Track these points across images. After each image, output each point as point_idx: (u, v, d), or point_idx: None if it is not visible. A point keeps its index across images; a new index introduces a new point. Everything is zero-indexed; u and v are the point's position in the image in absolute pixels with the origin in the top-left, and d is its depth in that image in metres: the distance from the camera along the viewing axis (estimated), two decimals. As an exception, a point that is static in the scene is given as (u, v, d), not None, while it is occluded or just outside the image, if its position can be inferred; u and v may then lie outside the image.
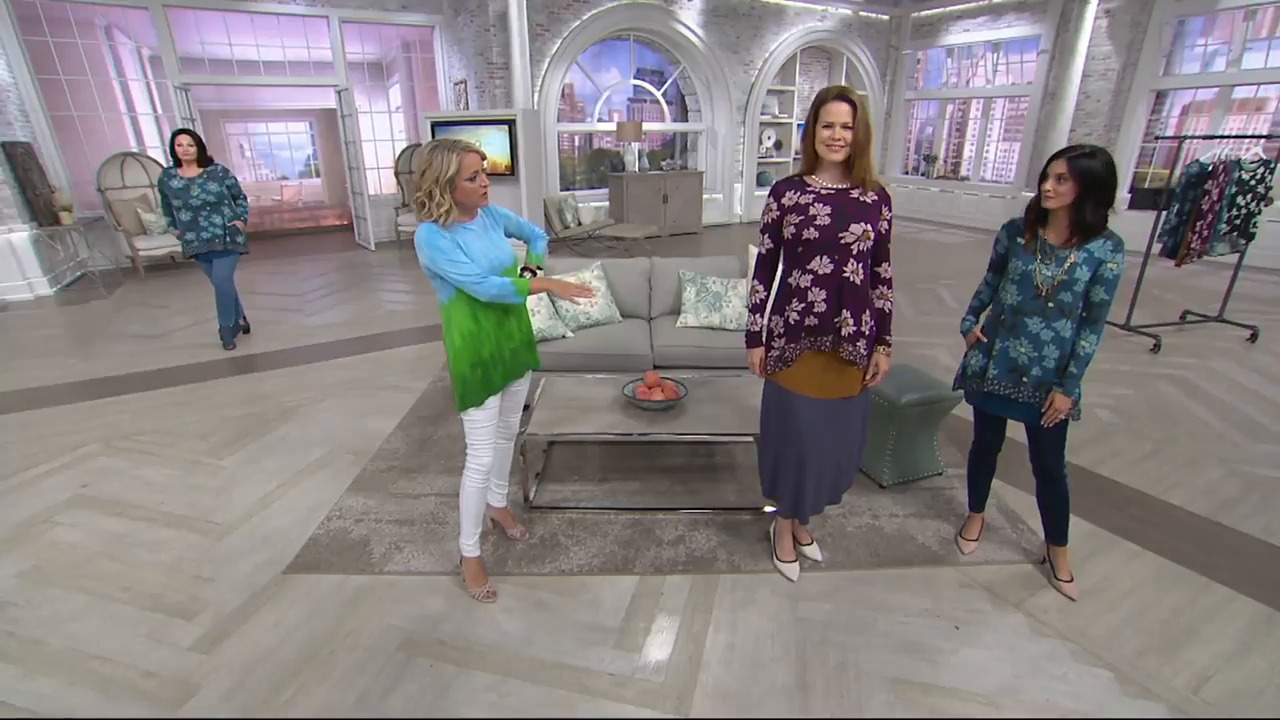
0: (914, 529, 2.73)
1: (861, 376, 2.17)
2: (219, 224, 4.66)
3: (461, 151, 1.95)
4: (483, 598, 2.29)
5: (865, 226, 1.99)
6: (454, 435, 3.50)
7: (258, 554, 2.57)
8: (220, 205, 4.66)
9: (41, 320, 5.93)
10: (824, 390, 2.16)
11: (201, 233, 4.63)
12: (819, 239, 2.00)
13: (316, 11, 8.47)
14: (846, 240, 1.99)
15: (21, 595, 2.35)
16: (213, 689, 1.94)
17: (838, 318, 2.07)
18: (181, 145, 4.49)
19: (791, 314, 2.11)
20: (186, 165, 4.55)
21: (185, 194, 4.51)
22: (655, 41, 10.04)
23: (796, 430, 2.21)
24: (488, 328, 2.12)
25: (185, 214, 4.56)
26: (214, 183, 4.61)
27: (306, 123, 16.02)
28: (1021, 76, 10.32)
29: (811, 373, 2.15)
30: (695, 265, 4.01)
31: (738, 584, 2.40)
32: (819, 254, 2.03)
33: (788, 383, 2.19)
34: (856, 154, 1.96)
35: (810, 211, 2.01)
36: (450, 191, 1.95)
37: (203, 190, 4.56)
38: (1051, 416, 2.13)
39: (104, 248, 7.97)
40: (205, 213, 4.59)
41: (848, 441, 2.29)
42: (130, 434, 3.60)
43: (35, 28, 7.33)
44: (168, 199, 4.60)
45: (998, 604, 2.29)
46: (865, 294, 2.09)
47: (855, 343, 2.08)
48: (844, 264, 2.02)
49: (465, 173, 1.95)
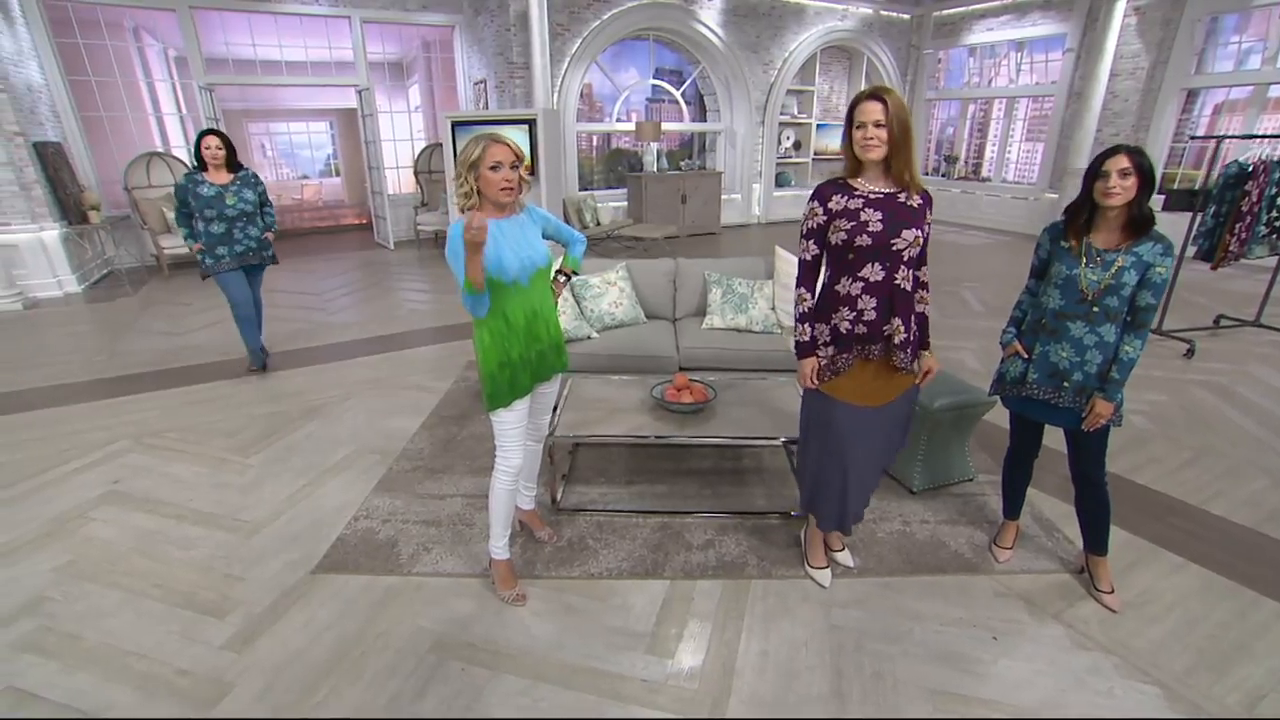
0: (946, 535, 2.68)
1: (906, 381, 2.14)
2: (255, 236, 4.19)
3: (490, 141, 1.97)
4: (512, 600, 2.28)
5: (916, 232, 1.96)
6: (479, 436, 3.49)
7: (286, 553, 2.57)
8: (255, 215, 4.19)
9: (70, 317, 6.02)
10: (870, 398, 2.13)
11: (235, 246, 4.11)
12: (872, 245, 1.95)
13: (339, 12, 8.53)
14: (898, 247, 1.95)
15: (58, 590, 2.37)
16: (246, 689, 1.95)
17: (887, 325, 2.03)
18: (209, 148, 3.96)
19: (841, 322, 2.06)
20: (214, 170, 4.02)
21: (218, 203, 3.98)
22: (675, 41, 10.01)
23: (840, 440, 2.17)
24: (517, 328, 2.10)
25: (218, 225, 4.02)
26: (248, 190, 4.12)
27: (327, 122, 16.15)
28: (1046, 76, 10.17)
29: (859, 381, 2.11)
30: (721, 266, 3.98)
31: (769, 590, 2.37)
32: (872, 261, 1.98)
33: (833, 391, 2.13)
34: (893, 153, 1.92)
35: (862, 217, 1.96)
36: (474, 177, 1.98)
37: (239, 199, 4.05)
38: (1093, 421, 2.09)
39: (130, 246, 8.09)
40: (241, 224, 4.09)
41: (887, 446, 2.27)
42: (159, 431, 3.64)
43: (66, 30, 7.45)
44: (187, 208, 4.01)
45: (1036, 614, 2.24)
46: (912, 300, 2.07)
47: (906, 349, 2.06)
48: (895, 271, 1.98)
49: (488, 160, 1.96)
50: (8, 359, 4.83)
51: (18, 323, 5.81)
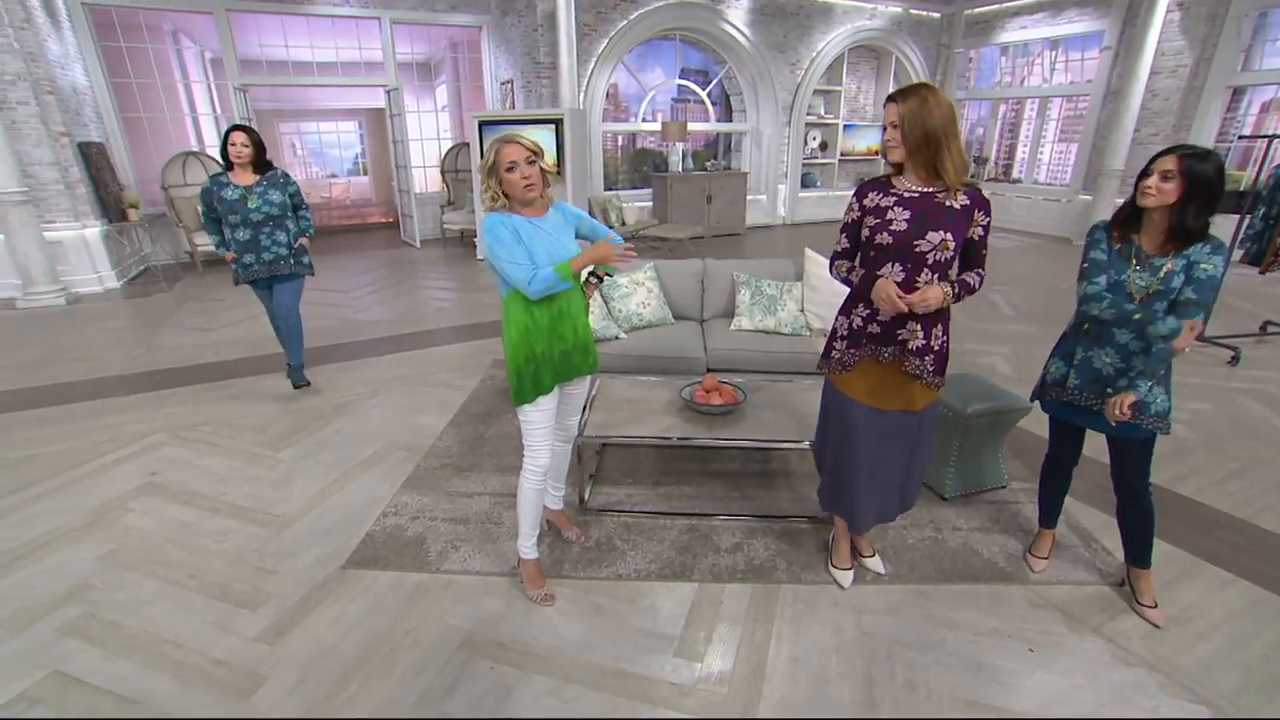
0: (979, 543, 2.63)
1: (926, 395, 2.09)
2: (284, 242, 3.79)
3: (503, 143, 1.99)
4: (540, 600, 2.28)
5: (944, 235, 1.88)
6: (506, 434, 3.51)
7: (317, 548, 2.61)
8: (284, 219, 3.79)
9: (110, 312, 6.19)
10: (880, 400, 2.09)
11: (263, 254, 3.74)
12: (892, 245, 1.92)
13: (369, 13, 8.65)
14: (922, 248, 1.90)
15: (100, 578, 2.43)
16: (279, 681, 1.97)
17: (902, 329, 1.99)
18: (235, 144, 3.58)
19: (856, 318, 2.06)
20: (240, 170, 3.65)
21: (241, 207, 3.62)
22: (701, 41, 9.97)
23: (847, 434, 2.17)
24: (541, 325, 2.11)
25: (243, 232, 3.67)
26: (275, 191, 3.72)
27: (356, 122, 16.41)
28: (1081, 75, 9.93)
29: (869, 381, 2.09)
30: (749, 267, 3.95)
31: (798, 595, 2.34)
32: (891, 261, 1.95)
33: (844, 387, 2.14)
34: (910, 154, 1.88)
35: (888, 215, 1.93)
36: (495, 181, 2.01)
37: (263, 202, 3.67)
38: (1113, 412, 1.95)
39: (165, 243, 8.30)
40: (268, 229, 3.72)
41: (906, 458, 2.20)
42: (193, 425, 3.71)
43: (110, 33, 7.67)
44: (214, 213, 3.68)
45: (1074, 627, 2.18)
46: (941, 310, 2.00)
47: (923, 357, 2.00)
48: (917, 273, 1.93)
49: (503, 163, 1.97)
50: (53, 353, 4.97)
51: (61, 317, 5.99)
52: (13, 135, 6.08)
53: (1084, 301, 2.03)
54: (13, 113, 6.13)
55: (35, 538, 2.68)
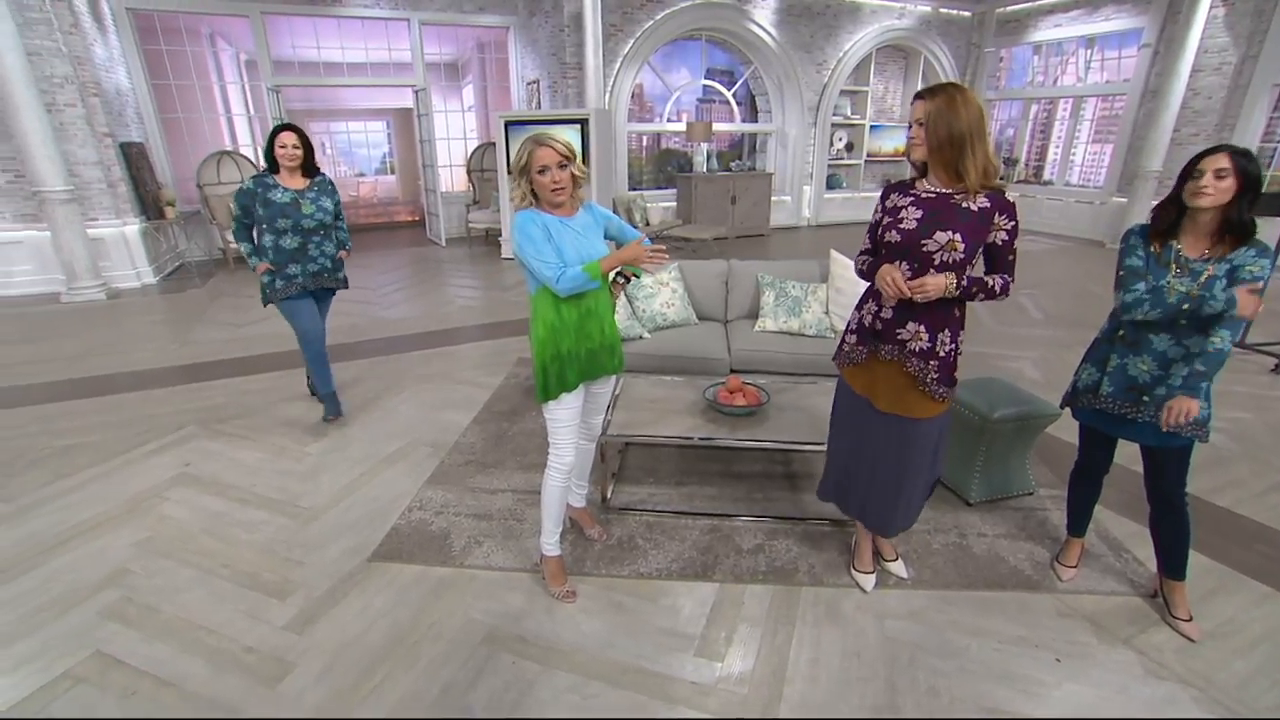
0: (1005, 550, 2.59)
1: (929, 405, 2.02)
2: (330, 254, 3.54)
3: (535, 144, 2.00)
4: (562, 597, 2.30)
5: (952, 235, 1.83)
6: (529, 432, 3.54)
7: (343, 540, 2.65)
8: (332, 229, 3.56)
9: (147, 307, 6.37)
10: (879, 399, 2.08)
11: (309, 264, 3.45)
12: (900, 243, 1.91)
13: (399, 14, 8.78)
14: (928, 248, 1.87)
15: (138, 564, 2.51)
16: (307, 669, 2.01)
17: (901, 329, 1.97)
18: (284, 147, 3.28)
19: (866, 315, 2.08)
20: (288, 174, 3.35)
21: (294, 211, 3.32)
22: (727, 41, 9.95)
23: (847, 427, 2.22)
24: (569, 323, 2.12)
25: (291, 239, 3.36)
26: (327, 198, 3.47)
27: (384, 121, 16.65)
28: (1118, 73, 9.69)
29: (870, 378, 2.09)
30: (774, 269, 3.93)
31: (820, 597, 2.33)
32: (898, 259, 1.93)
33: (851, 380, 2.17)
34: (933, 152, 1.85)
35: (900, 215, 1.92)
36: (525, 181, 2.04)
37: (317, 208, 3.39)
38: (1174, 417, 1.87)
39: (199, 240, 8.53)
40: (318, 238, 3.45)
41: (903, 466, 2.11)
42: (225, 418, 3.80)
43: (151, 37, 7.91)
44: (249, 218, 3.35)
45: (1104, 638, 2.14)
46: (949, 312, 1.94)
47: (926, 360, 1.95)
48: (923, 273, 1.89)
49: (535, 165, 1.99)
50: (94, 345, 5.14)
51: (102, 311, 6.19)
52: (60, 136, 6.29)
53: (1125, 309, 1.96)
54: (61, 114, 6.35)
55: (79, 523, 2.78)
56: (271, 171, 3.36)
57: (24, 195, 6.49)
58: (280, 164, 3.33)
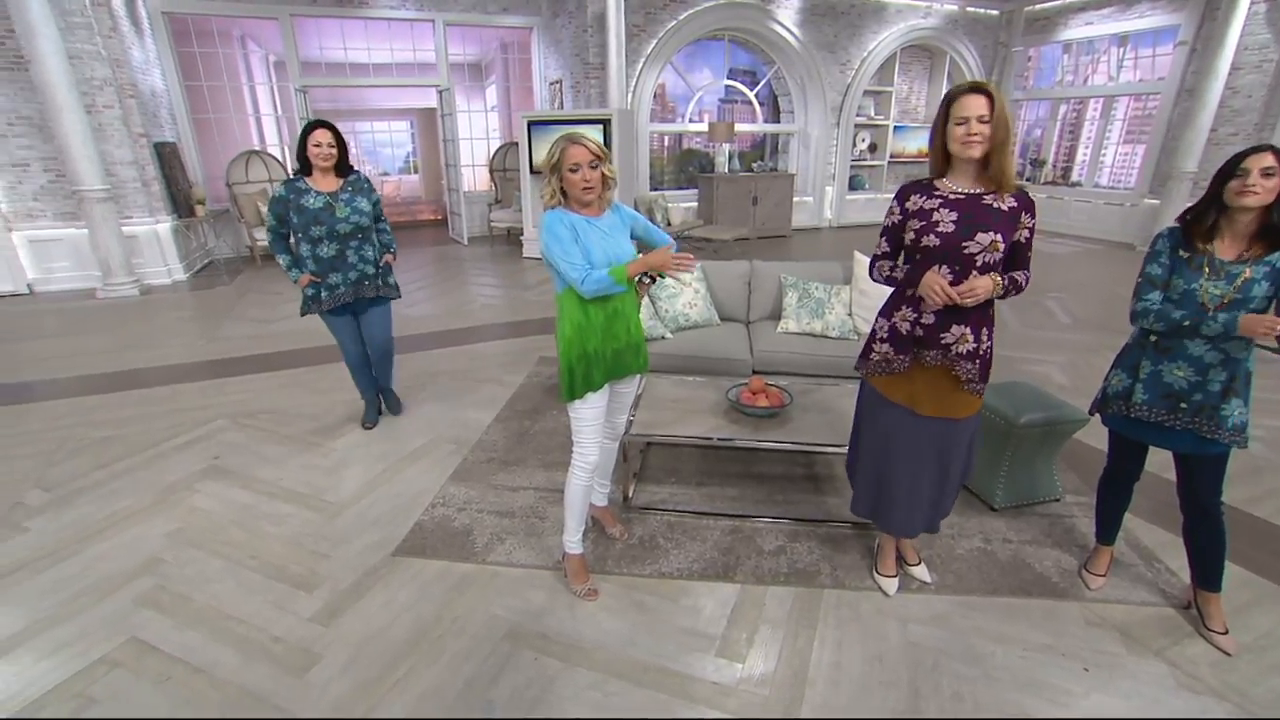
0: (1030, 556, 2.55)
1: (970, 404, 2.04)
2: (371, 259, 3.28)
3: (569, 143, 2.02)
4: (584, 595, 2.31)
5: (994, 236, 1.84)
6: (550, 431, 3.56)
7: (368, 534, 2.69)
8: (370, 231, 3.28)
9: (177, 303, 6.52)
10: (921, 405, 2.05)
11: (349, 272, 3.21)
12: (939, 247, 1.88)
13: (424, 15, 8.88)
14: (970, 250, 1.85)
15: (170, 553, 2.58)
16: (333, 660, 2.05)
17: (945, 333, 1.94)
18: (318, 145, 3.04)
19: (901, 323, 2.02)
20: (321, 175, 3.11)
21: (327, 216, 3.07)
22: (750, 41, 9.91)
23: (889, 443, 2.14)
24: (596, 323, 2.13)
25: (327, 247, 3.12)
26: (362, 198, 3.20)
27: (408, 121, 16.84)
28: (1152, 72, 9.48)
29: (912, 386, 2.05)
30: (797, 270, 3.91)
31: (842, 600, 2.31)
32: (938, 263, 1.90)
33: (884, 390, 2.11)
34: (994, 151, 1.83)
35: (934, 217, 1.89)
36: (556, 178, 2.05)
37: (352, 210, 3.13)
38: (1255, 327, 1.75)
39: (228, 237, 8.71)
40: (355, 243, 3.19)
41: (944, 467, 2.14)
42: (252, 412, 3.88)
43: (185, 40, 8.10)
44: (285, 226, 3.14)
45: (1134, 649, 2.09)
46: (986, 311, 1.96)
47: (972, 361, 1.95)
48: (965, 275, 1.88)
49: (567, 162, 2.01)
50: (128, 340, 5.28)
51: (135, 307, 6.34)
52: (98, 136, 6.46)
53: (1132, 318, 2.01)
54: (99, 115, 6.52)
55: (114, 512, 2.86)
56: (303, 173, 3.12)
57: (64, 194, 6.68)
58: (313, 164, 3.08)
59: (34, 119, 6.45)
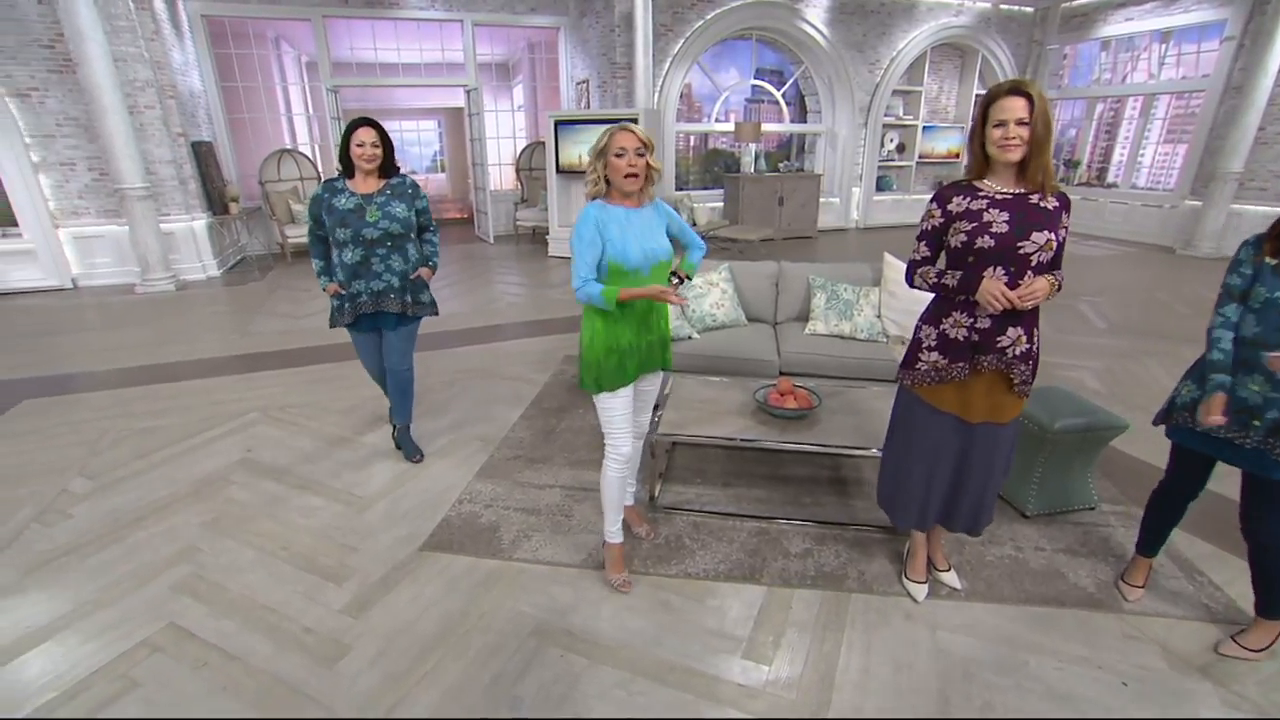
0: (1064, 566, 2.49)
1: (1016, 407, 2.02)
2: (399, 271, 2.94)
3: (618, 130, 2.06)
4: (619, 585, 2.33)
5: (1049, 235, 1.81)
6: (577, 429, 3.57)
7: (396, 529, 2.73)
8: (405, 240, 2.94)
9: (211, 298, 6.68)
10: (970, 413, 2.02)
11: (373, 282, 2.91)
12: (994, 248, 1.84)
13: (453, 16, 8.98)
14: (1026, 250, 1.82)
15: (206, 543, 2.64)
16: (362, 651, 2.08)
17: (1002, 336, 1.91)
18: (363, 145, 2.75)
19: (955, 329, 1.97)
20: (363, 177, 2.84)
21: (354, 219, 2.79)
22: (778, 41, 9.84)
23: (938, 451, 2.09)
24: (632, 316, 2.15)
25: (352, 252, 2.83)
26: (400, 204, 2.88)
27: (435, 120, 17.02)
28: (1196, 69, 9.19)
29: (964, 393, 2.01)
30: (825, 271, 3.87)
31: (870, 605, 2.28)
32: (994, 265, 1.86)
33: (932, 399, 2.06)
34: (1034, 153, 1.79)
35: (985, 218, 1.85)
36: (601, 164, 2.08)
37: (383, 215, 2.82)
38: None
39: (259, 234, 8.90)
40: (382, 251, 2.88)
41: (987, 471, 2.11)
42: (283, 406, 3.95)
43: (222, 42, 8.30)
44: (322, 227, 2.89)
45: (1176, 665, 2.03)
46: (1036, 311, 1.93)
47: (1026, 363, 1.93)
48: (1020, 276, 1.84)
49: (614, 147, 2.04)
50: (164, 334, 5.42)
51: (171, 302, 6.51)
52: (139, 136, 6.65)
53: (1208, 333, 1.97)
54: (141, 115, 6.72)
55: (153, 501, 2.94)
56: (347, 175, 2.86)
57: (106, 192, 6.89)
58: (357, 166, 2.79)
59: (80, 120, 6.65)
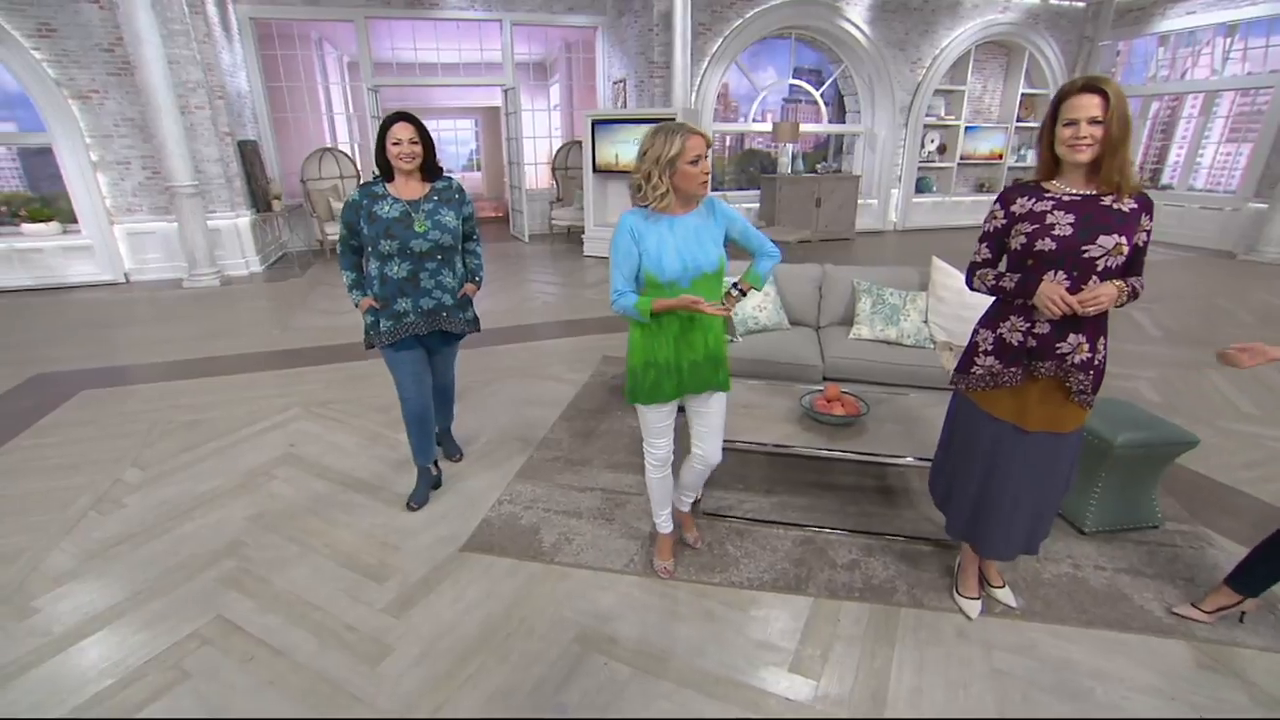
0: (1128, 587, 2.36)
1: (1078, 417, 1.91)
2: (450, 287, 2.67)
3: (687, 134, 1.86)
4: (661, 572, 2.35)
5: (1118, 239, 1.71)
6: (616, 432, 3.54)
7: (436, 529, 2.72)
8: (454, 252, 2.67)
9: (253, 294, 6.83)
10: (1027, 420, 1.92)
11: (421, 300, 2.60)
12: (1055, 251, 1.75)
13: (492, 15, 9.04)
14: (1091, 254, 1.72)
15: (251, 537, 2.67)
16: (404, 652, 2.07)
17: (1062, 342, 1.81)
18: (400, 142, 2.42)
19: (1011, 333, 1.89)
20: (403, 180, 2.52)
21: (401, 230, 2.47)
22: (817, 40, 9.69)
23: (992, 460, 2.00)
24: (668, 333, 2.04)
25: (398, 266, 2.52)
26: (448, 211, 2.58)
27: (472, 119, 17.19)
28: (1264, 64, 8.72)
29: (1020, 400, 1.92)
30: (871, 275, 3.77)
31: (921, 620, 2.20)
32: (1055, 268, 1.77)
33: (987, 405, 1.97)
34: (1108, 153, 1.69)
35: (1047, 220, 1.76)
36: (669, 174, 1.88)
37: (433, 224, 2.52)
38: None
39: (300, 231, 9.10)
40: (432, 265, 2.59)
41: (1047, 484, 2.01)
42: (324, 402, 4.00)
43: (269, 43, 8.51)
44: (355, 236, 2.56)
45: (1261, 699, 1.90)
46: (1103, 318, 1.83)
47: (1086, 372, 1.83)
48: (1084, 282, 1.75)
49: (688, 155, 1.86)
50: (209, 329, 5.56)
51: (216, 296, 6.69)
52: (190, 135, 6.85)
53: None
54: (191, 116, 6.93)
55: (201, 494, 2.99)
56: (384, 178, 2.54)
57: (158, 190, 7.12)
58: (395, 166, 2.48)
59: (136, 120, 6.88)
